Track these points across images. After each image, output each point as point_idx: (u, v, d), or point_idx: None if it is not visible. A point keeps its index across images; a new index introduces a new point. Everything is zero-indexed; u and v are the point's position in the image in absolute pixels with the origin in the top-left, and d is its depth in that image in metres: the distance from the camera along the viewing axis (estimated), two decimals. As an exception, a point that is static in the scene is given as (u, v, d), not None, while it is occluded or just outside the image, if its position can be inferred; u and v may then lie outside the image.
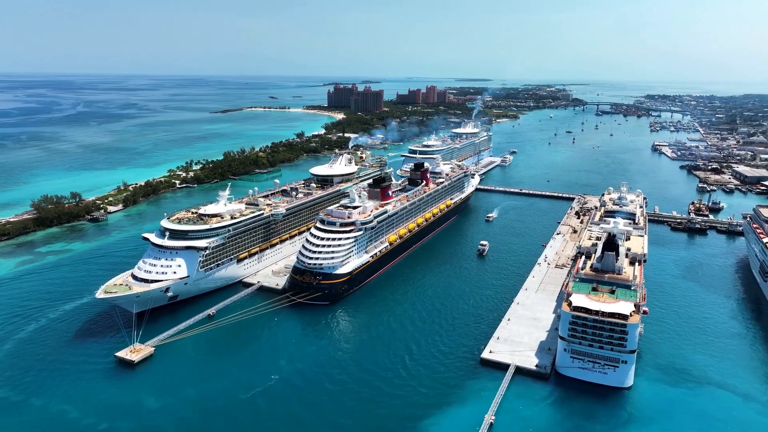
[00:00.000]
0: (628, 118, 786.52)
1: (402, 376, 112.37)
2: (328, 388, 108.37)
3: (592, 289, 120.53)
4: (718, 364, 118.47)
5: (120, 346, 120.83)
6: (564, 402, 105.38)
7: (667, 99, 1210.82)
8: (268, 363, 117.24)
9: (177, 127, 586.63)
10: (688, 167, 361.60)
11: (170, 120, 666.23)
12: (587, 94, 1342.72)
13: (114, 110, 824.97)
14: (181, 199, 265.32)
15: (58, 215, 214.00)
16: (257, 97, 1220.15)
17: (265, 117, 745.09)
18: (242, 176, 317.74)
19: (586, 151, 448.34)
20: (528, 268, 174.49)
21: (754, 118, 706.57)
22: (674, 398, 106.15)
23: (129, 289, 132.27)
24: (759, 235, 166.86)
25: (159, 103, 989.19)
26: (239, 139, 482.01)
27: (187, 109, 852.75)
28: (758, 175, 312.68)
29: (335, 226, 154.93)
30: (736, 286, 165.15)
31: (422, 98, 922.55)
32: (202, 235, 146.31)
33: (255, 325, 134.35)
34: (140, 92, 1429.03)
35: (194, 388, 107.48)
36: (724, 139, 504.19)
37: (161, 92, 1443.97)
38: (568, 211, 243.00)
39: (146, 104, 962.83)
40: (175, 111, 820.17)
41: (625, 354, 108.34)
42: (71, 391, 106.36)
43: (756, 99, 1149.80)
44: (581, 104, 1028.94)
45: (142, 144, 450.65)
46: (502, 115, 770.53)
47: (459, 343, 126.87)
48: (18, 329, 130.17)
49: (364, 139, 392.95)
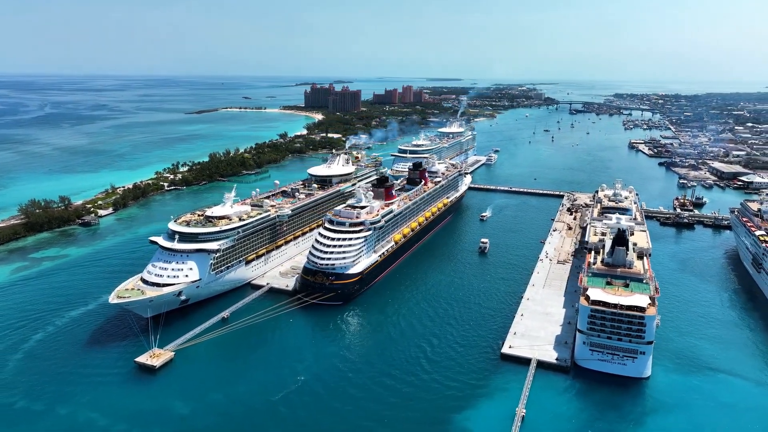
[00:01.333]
0: (601, 116, 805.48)
1: (425, 375, 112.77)
2: (352, 390, 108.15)
3: (606, 284, 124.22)
4: (725, 353, 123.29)
5: (137, 351, 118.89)
6: (587, 393, 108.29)
7: (636, 98, 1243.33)
8: (291, 365, 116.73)
9: (153, 128, 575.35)
10: (667, 164, 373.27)
11: (145, 121, 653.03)
12: (557, 93, 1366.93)
13: (84, 112, 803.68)
14: (171, 202, 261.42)
15: (48, 220, 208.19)
16: (230, 97, 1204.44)
17: (242, 117, 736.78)
18: (230, 178, 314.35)
19: (566, 149, 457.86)
20: (529, 265, 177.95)
21: (719, 116, 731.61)
22: (690, 386, 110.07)
23: (142, 294, 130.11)
24: (750, 228, 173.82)
25: (130, 104, 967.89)
26: (220, 141, 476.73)
27: (161, 110, 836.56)
28: (734, 171, 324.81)
29: (345, 226, 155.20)
30: (729, 278, 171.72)
31: (399, 98, 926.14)
32: (212, 237, 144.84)
33: (271, 327, 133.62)
34: (108, 93, 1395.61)
35: (220, 392, 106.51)
36: (696, 137, 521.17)
37: (130, 93, 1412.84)
38: (560, 208, 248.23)
39: (117, 105, 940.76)
40: (148, 112, 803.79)
41: (643, 345, 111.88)
42: (95, 398, 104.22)
43: (719, 97, 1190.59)
44: (554, 103, 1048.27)
45: (120, 146, 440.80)
46: (479, 114, 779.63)
47: (475, 340, 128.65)
48: (26, 338, 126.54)
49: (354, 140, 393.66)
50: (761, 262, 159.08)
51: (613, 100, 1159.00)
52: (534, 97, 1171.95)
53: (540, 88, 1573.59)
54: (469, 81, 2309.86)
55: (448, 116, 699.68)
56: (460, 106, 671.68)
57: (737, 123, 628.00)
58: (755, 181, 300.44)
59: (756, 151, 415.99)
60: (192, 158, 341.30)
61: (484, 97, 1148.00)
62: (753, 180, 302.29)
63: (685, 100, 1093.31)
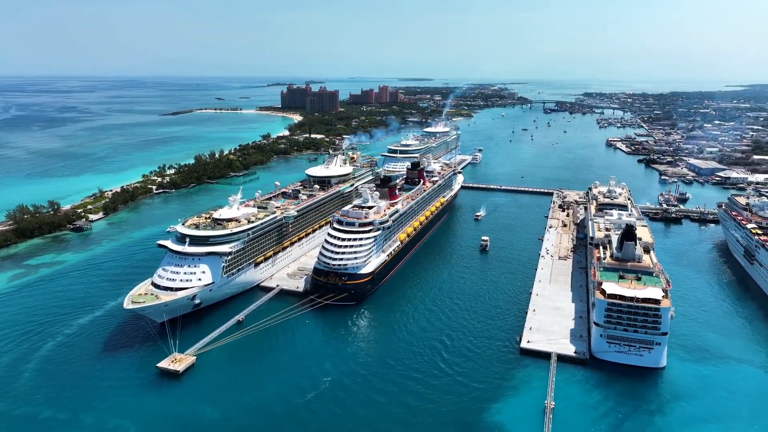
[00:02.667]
0: (574, 115, 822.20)
1: (449, 373, 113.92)
2: (380, 388, 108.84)
3: (619, 278, 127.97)
4: (732, 342, 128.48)
5: (157, 356, 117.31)
6: (608, 384, 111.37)
7: (605, 97, 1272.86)
8: (315, 365, 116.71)
9: (129, 130, 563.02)
10: (646, 161, 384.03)
11: (119, 123, 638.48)
12: (528, 93, 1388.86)
13: (53, 114, 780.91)
14: (161, 205, 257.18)
15: (39, 226, 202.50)
16: (203, 98, 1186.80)
17: (219, 119, 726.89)
18: (218, 180, 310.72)
19: (547, 148, 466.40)
20: (530, 261, 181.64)
21: (687, 114, 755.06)
22: (704, 375, 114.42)
23: (157, 299, 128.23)
24: (740, 222, 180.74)
25: (100, 106, 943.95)
26: (200, 142, 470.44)
27: (133, 112, 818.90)
28: (711, 167, 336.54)
29: (354, 226, 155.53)
30: (722, 270, 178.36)
31: (375, 98, 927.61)
32: (223, 240, 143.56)
33: (287, 328, 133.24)
34: (74, 94, 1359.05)
35: (250, 395, 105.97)
36: (668, 134, 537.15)
37: (98, 94, 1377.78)
38: (552, 206, 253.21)
39: (86, 107, 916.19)
40: (120, 114, 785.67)
41: (658, 336, 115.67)
42: (121, 405, 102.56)
43: (683, 96, 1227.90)
44: (527, 102, 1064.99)
45: (98, 149, 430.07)
46: (455, 114, 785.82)
47: (491, 336, 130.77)
48: (36, 347, 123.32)
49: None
50: (754, 254, 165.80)
51: (584, 99, 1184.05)
52: (507, 96, 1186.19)
53: (511, 87, 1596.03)
54: (441, 81, 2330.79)
55: (426, 116, 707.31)
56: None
57: (705, 121, 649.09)
58: (732, 177, 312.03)
59: (727, 148, 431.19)
60: (174, 160, 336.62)
61: (458, 97, 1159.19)
62: (730, 175, 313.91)
63: (653, 98, 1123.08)
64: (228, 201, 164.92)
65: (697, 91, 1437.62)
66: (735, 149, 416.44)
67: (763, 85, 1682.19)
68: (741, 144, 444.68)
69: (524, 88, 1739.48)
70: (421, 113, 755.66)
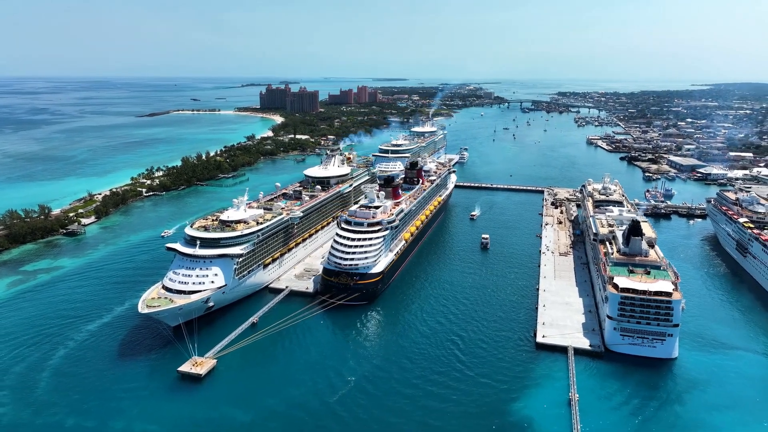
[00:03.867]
0: (551, 114, 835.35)
1: (468, 372, 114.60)
2: (403, 388, 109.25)
3: (629, 272, 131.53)
4: (736, 332, 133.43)
5: (176, 360, 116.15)
6: (625, 375, 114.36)
7: (578, 96, 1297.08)
8: (334, 366, 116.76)
9: (107, 132, 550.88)
10: (628, 158, 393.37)
11: (95, 125, 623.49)
12: (503, 92, 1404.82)
13: (23, 116, 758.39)
14: (153, 208, 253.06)
15: (31, 231, 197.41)
16: (177, 99, 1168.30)
17: (197, 120, 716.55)
18: (208, 182, 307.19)
19: (530, 147, 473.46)
20: (531, 258, 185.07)
21: (660, 112, 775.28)
22: (715, 364, 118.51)
23: (171, 302, 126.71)
24: (732, 216, 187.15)
25: (72, 108, 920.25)
26: (182, 144, 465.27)
27: (108, 114, 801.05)
28: (692, 164, 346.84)
29: (363, 226, 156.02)
30: (715, 263, 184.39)
31: (354, 98, 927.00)
32: (234, 242, 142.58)
33: (302, 330, 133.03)
34: (42, 96, 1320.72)
35: (275, 398, 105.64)
36: (645, 132, 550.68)
37: (66, 96, 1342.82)
38: (544, 203, 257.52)
39: (58, 109, 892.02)
40: (94, 116, 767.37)
41: (670, 328, 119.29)
42: (147, 410, 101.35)
43: (654, 95, 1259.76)
44: (504, 102, 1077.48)
45: (77, 152, 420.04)
46: (436, 113, 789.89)
47: (504, 332, 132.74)
48: (48, 354, 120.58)
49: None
50: (746, 247, 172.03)
51: (558, 99, 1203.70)
52: (484, 96, 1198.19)
53: (486, 87, 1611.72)
54: (415, 81, 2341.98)
55: (406, 116, 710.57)
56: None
57: (678, 119, 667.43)
58: (712, 173, 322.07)
59: (702, 145, 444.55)
60: (159, 162, 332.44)
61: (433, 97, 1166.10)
62: (711, 172, 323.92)
63: (625, 97, 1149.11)
64: (232, 203, 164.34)
65: (665, 90, 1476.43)
66: (711, 146, 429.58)
67: (727, 84, 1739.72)
68: (716, 141, 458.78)
69: (499, 87, 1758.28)
70: (401, 113, 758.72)
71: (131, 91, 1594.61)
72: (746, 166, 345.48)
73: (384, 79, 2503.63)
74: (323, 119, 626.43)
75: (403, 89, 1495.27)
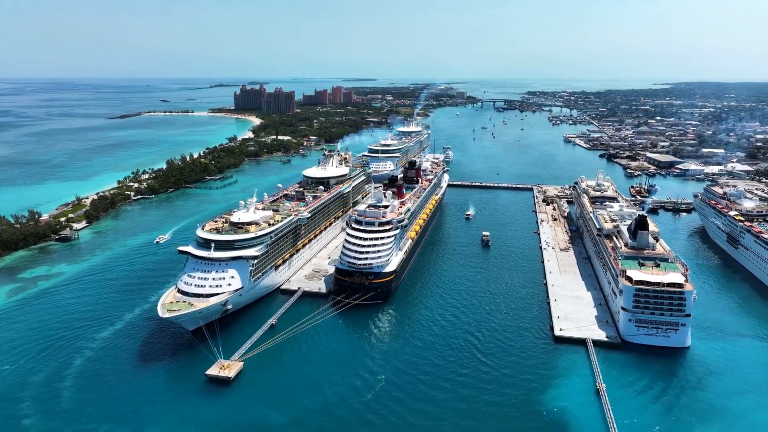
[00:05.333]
0: (525, 113, 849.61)
1: (493, 368, 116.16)
2: (432, 384, 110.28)
3: (639, 265, 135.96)
4: (739, 320, 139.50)
5: (201, 363, 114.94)
6: (644, 365, 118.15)
7: (548, 95, 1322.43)
8: (362, 365, 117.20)
9: (80, 135, 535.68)
10: (607, 156, 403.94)
11: (66, 128, 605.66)
12: (474, 92, 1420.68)
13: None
14: (145, 212, 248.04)
15: (23, 237, 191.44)
16: (146, 101, 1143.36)
17: (172, 122, 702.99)
18: (196, 184, 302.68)
19: (510, 145, 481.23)
20: (532, 253, 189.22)
21: (630, 110, 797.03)
22: (727, 351, 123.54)
23: (191, 306, 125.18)
24: (722, 210, 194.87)
25: (37, 110, 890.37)
26: (161, 146, 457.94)
27: (76, 116, 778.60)
28: (670, 160, 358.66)
29: (374, 225, 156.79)
30: (707, 255, 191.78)
31: (329, 98, 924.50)
32: (248, 243, 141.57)
33: (322, 330, 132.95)
34: (2, 98, 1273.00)
35: (310, 398, 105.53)
36: (619, 130, 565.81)
37: (29, 97, 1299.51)
38: (536, 201, 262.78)
39: (22, 111, 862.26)
40: (63, 118, 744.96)
41: (683, 318, 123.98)
42: (183, 415, 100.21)
43: (619, 94, 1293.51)
44: (477, 101, 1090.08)
45: (53, 155, 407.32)
46: (411, 113, 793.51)
47: (520, 326, 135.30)
48: (65, 363, 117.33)
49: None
50: (738, 239, 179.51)
51: (529, 98, 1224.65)
52: (457, 96, 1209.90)
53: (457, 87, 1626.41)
54: (385, 80, 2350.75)
55: (383, 116, 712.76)
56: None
57: (647, 117, 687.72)
58: (690, 169, 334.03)
59: (675, 142, 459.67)
60: (140, 165, 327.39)
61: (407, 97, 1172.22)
62: (689, 168, 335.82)
63: (594, 96, 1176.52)
64: (239, 205, 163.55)
65: (630, 89, 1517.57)
66: (683, 143, 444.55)
67: (687, 83, 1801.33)
68: (687, 138, 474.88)
69: (469, 87, 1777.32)
70: (378, 113, 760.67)
71: (96, 93, 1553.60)
72: (720, 162, 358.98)
73: (354, 79, 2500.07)
74: (301, 120, 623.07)
75: (375, 89, 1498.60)
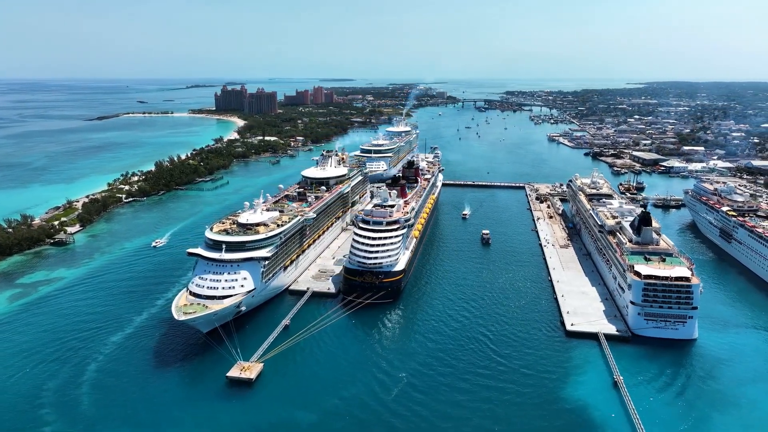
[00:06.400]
0: (506, 113, 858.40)
1: (510, 365, 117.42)
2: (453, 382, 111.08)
3: (645, 260, 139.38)
4: (741, 312, 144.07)
5: (220, 365, 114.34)
6: (655, 357, 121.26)
7: (526, 95, 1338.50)
8: (380, 365, 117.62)
9: (59, 137, 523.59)
10: (592, 154, 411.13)
11: (43, 130, 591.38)
12: (452, 92, 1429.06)
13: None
14: (138, 214, 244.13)
15: (18, 241, 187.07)
16: (123, 102, 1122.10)
17: (152, 123, 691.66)
18: (187, 186, 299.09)
19: (496, 144, 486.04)
20: (533, 251, 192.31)
21: (608, 110, 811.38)
22: (733, 342, 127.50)
23: (205, 308, 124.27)
24: (713, 206, 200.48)
25: (9, 111, 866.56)
26: (145, 148, 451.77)
27: (52, 118, 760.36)
28: (655, 158, 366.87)
29: (382, 225, 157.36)
30: (700, 249, 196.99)
31: (310, 99, 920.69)
32: (259, 244, 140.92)
33: (337, 329, 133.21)
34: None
35: (334, 397, 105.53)
36: (600, 129, 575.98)
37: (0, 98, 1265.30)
38: (529, 199, 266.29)
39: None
40: (38, 120, 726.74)
41: (690, 310, 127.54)
42: (208, 417, 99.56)
43: (596, 93, 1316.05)
44: (457, 101, 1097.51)
45: (33, 158, 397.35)
46: (395, 113, 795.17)
47: (530, 322, 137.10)
48: (79, 369, 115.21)
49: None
50: (731, 234, 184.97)
51: (508, 98, 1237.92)
52: (437, 96, 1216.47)
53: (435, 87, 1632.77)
54: (363, 81, 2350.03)
55: (366, 116, 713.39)
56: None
57: (626, 116, 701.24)
58: (675, 166, 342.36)
59: (655, 140, 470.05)
60: (125, 167, 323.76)
61: (387, 97, 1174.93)
62: (673, 165, 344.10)
63: (572, 96, 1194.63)
64: (244, 205, 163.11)
65: (605, 88, 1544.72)
66: (664, 141, 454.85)
67: (659, 82, 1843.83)
68: (668, 137, 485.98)
69: (447, 87, 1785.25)
70: (360, 113, 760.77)
71: (70, 94, 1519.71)
72: (702, 160, 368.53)
73: (331, 80, 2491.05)
74: (285, 120, 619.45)
75: (355, 89, 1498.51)
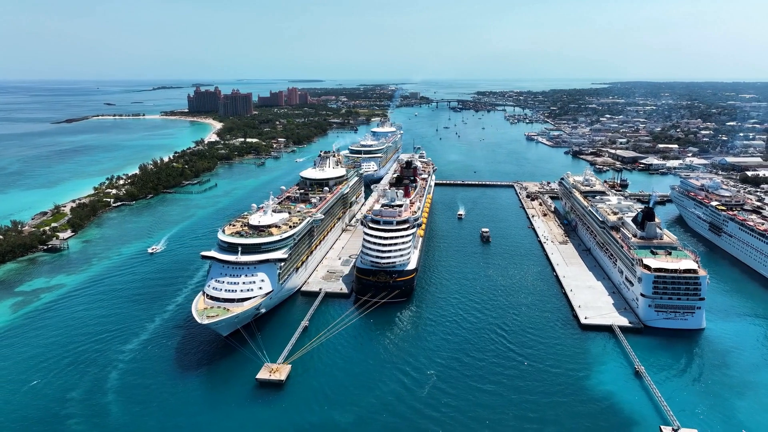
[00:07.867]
0: (481, 113, 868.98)
1: (530, 355, 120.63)
2: (478, 376, 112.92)
3: (652, 253, 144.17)
4: (741, 302, 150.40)
5: (247, 368, 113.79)
6: (668, 346, 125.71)
7: (497, 95, 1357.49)
8: (408, 363, 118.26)
9: (29, 141, 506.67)
10: (572, 153, 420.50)
11: (10, 133, 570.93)
12: (425, 93, 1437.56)
13: None
14: (130, 218, 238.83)
15: (11, 249, 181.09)
16: (89, 104, 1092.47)
17: (125, 126, 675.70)
18: (175, 189, 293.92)
19: (476, 144, 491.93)
20: (533, 247, 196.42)
21: (579, 109, 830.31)
22: (739, 330, 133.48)
23: (227, 311, 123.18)
24: (702, 201, 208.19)
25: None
26: (123, 151, 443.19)
27: (17, 120, 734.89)
28: (633, 156, 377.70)
29: (392, 224, 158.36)
30: (690, 243, 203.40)
31: (284, 100, 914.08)
32: (275, 246, 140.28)
33: (356, 329, 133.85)
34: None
35: (368, 396, 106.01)
36: (575, 128, 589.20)
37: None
38: (521, 197, 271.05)
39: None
40: (2, 122, 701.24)
41: (698, 301, 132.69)
42: (246, 420, 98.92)
43: (565, 93, 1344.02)
44: (430, 102, 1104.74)
45: (6, 162, 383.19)
46: (371, 114, 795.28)
47: (543, 317, 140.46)
48: (100, 378, 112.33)
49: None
50: (721, 227, 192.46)
51: (479, 98, 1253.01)
52: (411, 96, 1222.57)
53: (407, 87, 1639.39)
54: (332, 82, 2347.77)
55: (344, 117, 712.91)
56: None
57: (598, 115, 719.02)
58: (654, 163, 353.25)
59: (630, 138, 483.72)
60: (106, 171, 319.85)
61: (361, 98, 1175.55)
62: (652, 162, 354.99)
63: (542, 96, 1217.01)
64: (251, 207, 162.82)
65: (573, 88, 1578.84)
66: (639, 139, 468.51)
67: (624, 83, 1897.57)
68: (641, 135, 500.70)
69: (418, 87, 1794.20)
70: (337, 114, 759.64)
71: (31, 96, 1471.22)
72: (678, 157, 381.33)
73: (299, 81, 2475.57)
74: (263, 122, 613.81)
75: (326, 90, 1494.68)
